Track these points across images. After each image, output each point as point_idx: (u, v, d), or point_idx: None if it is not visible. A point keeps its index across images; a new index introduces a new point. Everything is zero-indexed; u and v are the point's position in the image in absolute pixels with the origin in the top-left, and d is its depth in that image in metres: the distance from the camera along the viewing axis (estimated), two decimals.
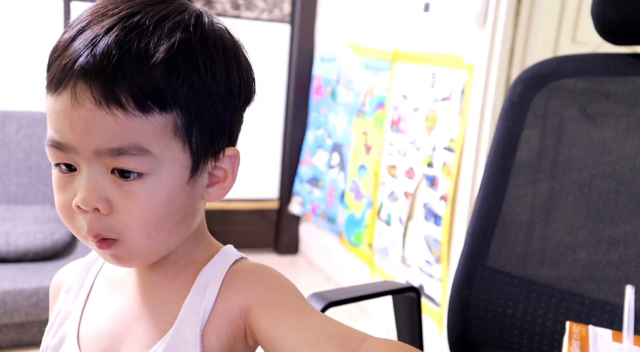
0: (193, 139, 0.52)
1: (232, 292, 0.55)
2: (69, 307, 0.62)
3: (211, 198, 0.57)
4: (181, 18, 0.51)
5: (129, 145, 0.49)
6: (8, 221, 2.14)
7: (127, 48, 0.48)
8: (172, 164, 0.52)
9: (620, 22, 0.86)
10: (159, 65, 0.48)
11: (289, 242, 3.11)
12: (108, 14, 0.50)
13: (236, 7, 2.83)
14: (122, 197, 0.50)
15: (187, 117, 0.51)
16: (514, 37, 1.81)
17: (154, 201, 0.51)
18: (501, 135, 0.99)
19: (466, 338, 1.00)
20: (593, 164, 0.91)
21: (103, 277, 0.63)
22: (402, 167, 2.18)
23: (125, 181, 0.50)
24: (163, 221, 0.53)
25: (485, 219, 0.98)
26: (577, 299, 0.90)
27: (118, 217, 0.51)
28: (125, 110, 0.48)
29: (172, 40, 0.49)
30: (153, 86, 0.48)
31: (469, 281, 0.99)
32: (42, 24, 2.48)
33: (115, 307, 0.59)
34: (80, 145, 0.49)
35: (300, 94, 2.97)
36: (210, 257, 0.58)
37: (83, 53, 0.48)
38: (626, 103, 0.90)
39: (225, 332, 0.54)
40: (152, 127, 0.49)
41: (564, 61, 0.97)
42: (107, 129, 0.48)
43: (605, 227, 0.89)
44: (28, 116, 2.42)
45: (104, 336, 0.58)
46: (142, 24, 0.49)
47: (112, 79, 0.47)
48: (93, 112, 0.48)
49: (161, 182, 0.51)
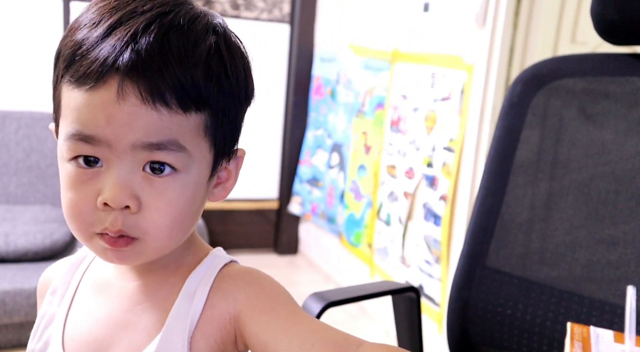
0: (217, 139, 0.54)
1: (221, 297, 0.54)
2: (54, 310, 0.60)
3: (215, 198, 0.58)
4: (207, 21, 0.53)
5: (168, 140, 0.49)
6: (7, 221, 2.14)
7: (168, 46, 0.48)
8: (201, 162, 0.53)
9: (619, 22, 0.86)
10: (199, 65, 0.50)
11: (289, 242, 3.11)
12: (138, 11, 0.50)
13: (236, 7, 2.83)
14: (152, 194, 0.50)
15: (215, 117, 0.52)
16: (514, 37, 1.81)
17: (183, 198, 0.52)
18: (501, 135, 0.99)
19: (466, 338, 1.00)
20: (592, 164, 0.91)
21: (89, 279, 0.61)
22: (401, 167, 2.18)
23: (157, 177, 0.50)
24: (186, 220, 0.53)
25: (485, 219, 0.98)
26: (576, 299, 0.90)
27: (146, 215, 0.50)
28: (169, 107, 0.49)
29: (207, 42, 0.51)
30: (193, 85, 0.49)
31: (468, 281, 0.99)
32: (42, 24, 2.48)
33: (102, 311, 0.58)
34: (117, 139, 0.48)
35: (300, 94, 2.96)
36: (199, 260, 0.57)
37: (126, 49, 0.47)
38: (626, 103, 0.90)
39: (214, 338, 0.54)
40: (189, 125, 0.50)
41: (563, 61, 0.97)
42: (150, 123, 0.48)
43: (604, 227, 0.89)
44: (27, 116, 2.42)
45: (90, 341, 0.57)
46: (177, 23, 0.50)
47: (158, 76, 0.48)
48: (138, 107, 0.48)
49: (190, 180, 0.52)
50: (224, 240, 2.91)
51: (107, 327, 0.56)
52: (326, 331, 0.49)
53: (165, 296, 0.56)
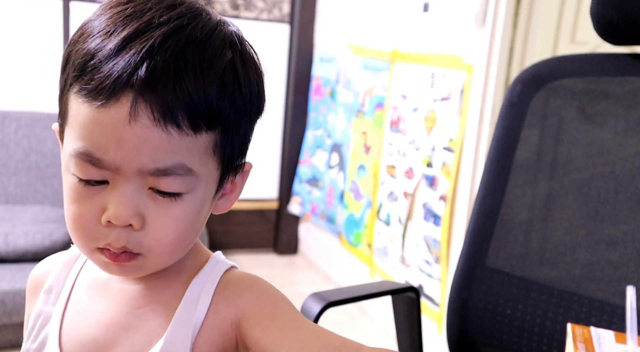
0: (225, 156, 0.52)
1: (223, 304, 0.54)
2: (50, 310, 0.59)
3: (218, 210, 0.58)
4: (224, 33, 0.51)
5: (175, 165, 0.48)
6: (7, 221, 2.14)
7: (184, 64, 0.47)
8: (208, 181, 0.52)
9: (619, 22, 0.86)
10: (214, 83, 0.48)
11: (288, 242, 3.11)
12: (155, 23, 0.48)
13: (235, 7, 2.83)
14: (157, 212, 0.50)
15: (224, 134, 0.51)
16: (513, 37, 1.81)
17: (188, 217, 0.51)
18: (500, 135, 0.99)
19: (465, 338, 1.00)
20: (592, 164, 0.91)
21: (85, 278, 0.60)
22: (401, 167, 2.18)
23: (161, 197, 0.49)
24: (189, 236, 0.53)
25: (485, 219, 0.98)
26: (576, 299, 0.90)
27: (149, 233, 0.50)
28: (180, 128, 0.47)
29: (223, 59, 0.49)
30: (207, 105, 0.48)
31: (468, 281, 0.99)
32: (42, 24, 2.48)
33: (101, 313, 0.57)
34: (125, 163, 0.47)
35: (300, 94, 2.96)
36: (200, 265, 0.57)
37: (141, 66, 0.46)
38: (625, 103, 0.90)
39: (215, 344, 0.54)
40: (199, 146, 0.49)
41: (563, 61, 0.97)
42: (158, 147, 0.47)
43: (604, 227, 0.89)
44: (27, 116, 2.42)
45: (89, 342, 0.56)
46: (194, 38, 0.48)
47: (171, 95, 0.46)
48: (148, 130, 0.46)
49: (196, 199, 0.51)
50: (224, 240, 2.91)
51: (107, 329, 0.56)
52: (325, 336, 0.49)
53: (168, 300, 0.55)
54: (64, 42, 2.51)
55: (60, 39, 2.51)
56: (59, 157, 2.42)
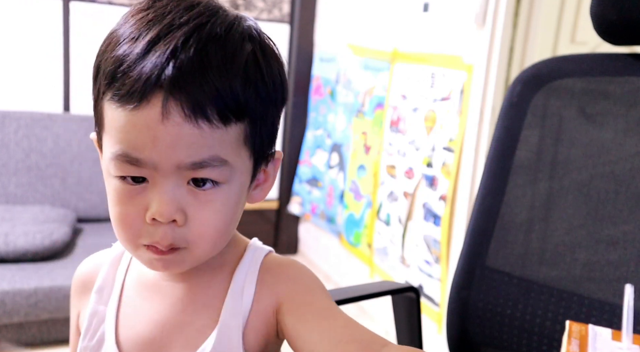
0: (256, 146, 0.55)
1: (266, 292, 0.57)
2: (103, 309, 0.62)
3: (253, 200, 0.60)
4: (243, 27, 0.53)
5: (210, 157, 0.50)
6: (7, 221, 2.14)
7: (207, 60, 0.49)
8: (243, 171, 0.54)
9: (619, 22, 0.86)
10: (238, 75, 0.50)
11: (288, 242, 3.11)
12: (176, 24, 0.50)
13: (235, 7, 2.83)
14: (198, 207, 0.52)
15: (253, 125, 0.53)
16: (513, 37, 1.81)
17: (227, 208, 0.53)
18: (500, 135, 0.99)
19: (465, 338, 1.00)
20: (592, 164, 0.91)
21: (134, 277, 0.63)
22: (401, 167, 2.18)
23: (201, 190, 0.52)
24: (230, 227, 0.55)
25: (485, 219, 0.98)
26: (576, 299, 0.90)
27: (192, 227, 0.52)
28: (210, 122, 0.49)
29: (245, 51, 0.51)
30: (233, 97, 0.50)
31: (468, 281, 0.99)
32: (42, 24, 2.48)
33: (156, 312, 0.59)
34: (162, 160, 0.50)
35: (300, 94, 2.97)
36: (240, 254, 0.60)
37: (167, 66, 0.48)
38: (625, 103, 0.90)
39: (262, 332, 0.56)
40: (230, 138, 0.51)
41: (563, 61, 0.97)
42: (192, 142, 0.49)
43: (604, 227, 0.89)
44: (27, 116, 2.42)
45: (146, 342, 0.59)
46: (215, 34, 0.50)
47: (199, 90, 0.48)
48: (180, 127, 0.49)
49: (233, 190, 0.53)
50: None
51: (162, 328, 0.58)
52: (355, 328, 0.52)
53: (215, 294, 0.58)
54: (64, 42, 2.51)
55: (60, 39, 2.50)
56: (59, 157, 2.44)
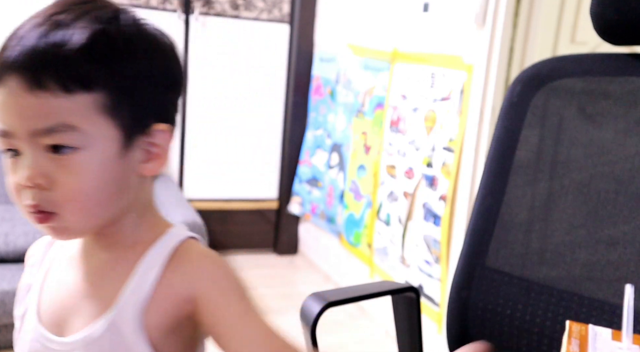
0: (124, 116, 0.58)
1: (180, 276, 0.59)
2: (31, 281, 0.68)
3: (148, 172, 0.62)
4: (100, 13, 0.58)
5: (57, 124, 0.55)
6: (7, 221, 2.14)
7: (45, 40, 0.55)
8: (103, 139, 0.57)
9: (619, 22, 0.86)
10: (75, 51, 0.55)
11: (288, 242, 3.11)
12: (40, 15, 0.57)
13: (235, 7, 2.83)
14: (60, 171, 0.56)
15: (114, 97, 0.57)
16: (513, 37, 1.81)
17: (89, 173, 0.57)
18: (500, 135, 0.99)
19: (465, 338, 1.00)
20: (592, 164, 0.91)
21: (64, 253, 0.67)
22: (401, 167, 2.18)
23: (60, 156, 0.56)
24: (98, 194, 0.58)
25: (485, 219, 0.98)
26: (576, 299, 0.90)
27: (57, 191, 0.56)
28: (50, 91, 0.54)
29: (88, 31, 0.56)
30: (71, 70, 0.55)
31: (468, 281, 0.99)
32: None
33: (70, 282, 0.64)
34: (17, 130, 0.56)
35: (300, 94, 2.96)
36: (157, 237, 0.62)
37: (15, 49, 0.55)
38: (625, 103, 0.90)
39: (168, 315, 0.59)
40: (77, 106, 0.56)
41: (563, 61, 0.97)
42: (37, 111, 0.55)
43: (604, 227, 0.89)
44: None
45: (58, 307, 0.63)
46: (62, 20, 0.56)
47: (38, 66, 0.54)
48: (23, 98, 0.55)
49: (94, 156, 0.57)
50: (224, 240, 2.91)
51: (72, 296, 0.63)
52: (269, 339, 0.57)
53: (123, 270, 0.61)
54: None
55: None
56: None
